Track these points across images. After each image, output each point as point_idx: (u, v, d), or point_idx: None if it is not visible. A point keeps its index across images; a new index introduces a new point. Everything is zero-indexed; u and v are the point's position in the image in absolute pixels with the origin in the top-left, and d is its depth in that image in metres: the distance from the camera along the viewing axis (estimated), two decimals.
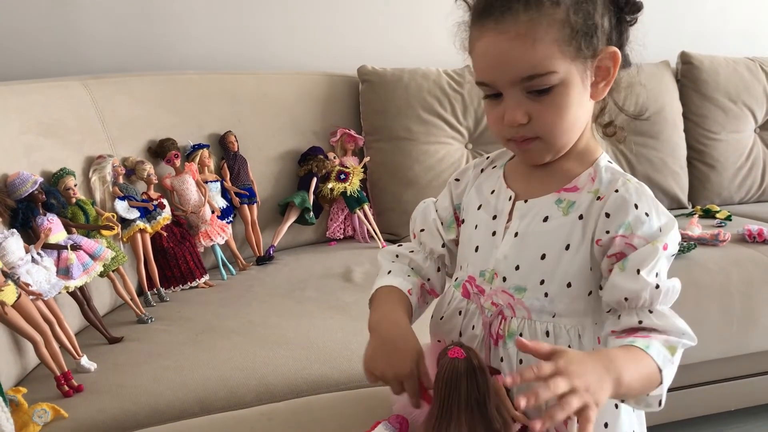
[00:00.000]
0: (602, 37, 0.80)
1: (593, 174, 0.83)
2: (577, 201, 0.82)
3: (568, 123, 0.80)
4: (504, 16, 0.76)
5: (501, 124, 0.81)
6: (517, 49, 0.76)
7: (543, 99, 0.78)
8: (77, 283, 1.33)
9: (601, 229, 0.79)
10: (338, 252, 1.90)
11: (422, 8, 2.33)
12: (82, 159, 1.59)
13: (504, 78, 0.78)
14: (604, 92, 0.83)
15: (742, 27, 2.75)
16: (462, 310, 0.90)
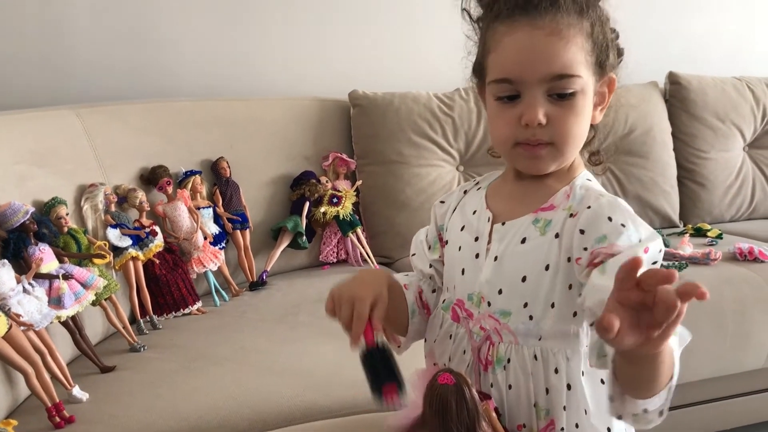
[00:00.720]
0: (611, 61, 0.83)
1: (569, 191, 0.84)
2: (553, 219, 0.82)
3: (581, 133, 0.82)
4: (541, 13, 0.77)
5: (514, 126, 0.80)
6: (553, 45, 0.77)
7: (563, 103, 0.79)
8: (69, 313, 1.32)
9: (577, 246, 0.79)
10: (331, 276, 1.90)
11: (412, 33, 2.36)
12: (74, 188, 1.59)
13: (534, 74, 0.78)
14: (599, 117, 0.86)
15: (728, 47, 2.78)
16: (452, 334, 0.90)
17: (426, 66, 2.35)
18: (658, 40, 2.63)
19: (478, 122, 2.15)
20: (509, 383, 0.82)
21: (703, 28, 2.74)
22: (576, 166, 0.87)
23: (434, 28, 2.32)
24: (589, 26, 0.80)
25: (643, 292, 0.58)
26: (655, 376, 0.67)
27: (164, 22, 2.12)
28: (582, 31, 0.79)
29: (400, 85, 2.20)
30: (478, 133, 2.16)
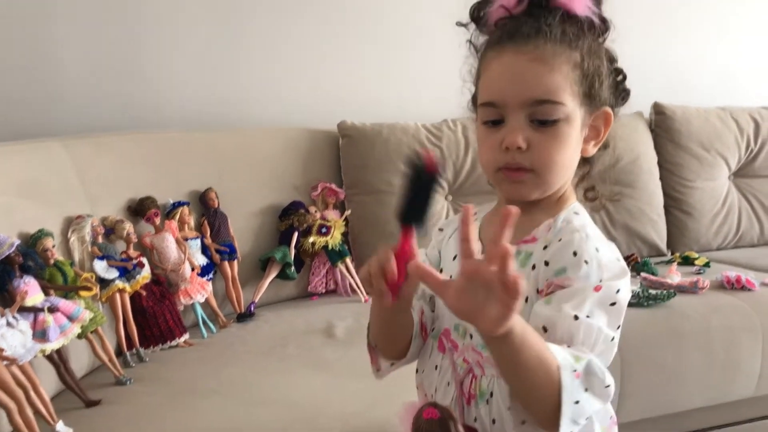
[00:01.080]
0: (604, 94, 0.84)
1: (551, 224, 0.83)
2: (534, 252, 0.82)
3: (564, 161, 0.81)
4: (526, 40, 0.79)
5: (497, 150, 0.81)
6: (536, 70, 0.79)
7: (545, 130, 0.79)
8: (54, 346, 1.31)
9: (542, 278, 0.79)
10: (320, 307, 1.90)
11: (400, 65, 2.38)
12: (62, 219, 1.58)
13: (516, 97, 0.79)
14: (593, 151, 0.86)
15: (710, 78, 2.82)
16: (437, 365, 0.89)
17: (414, 97, 2.38)
18: (643, 71, 2.62)
19: (466, 152, 2.17)
20: (493, 417, 0.81)
21: (686, 60, 2.79)
22: (566, 199, 0.87)
23: (422, 60, 2.36)
24: (578, 57, 0.80)
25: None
26: (531, 363, 0.68)
27: (153, 54, 2.13)
28: (569, 60, 0.80)
29: (388, 115, 2.21)
30: (466, 163, 2.17)
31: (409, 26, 2.37)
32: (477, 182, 2.16)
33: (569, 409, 0.69)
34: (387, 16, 2.37)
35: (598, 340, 0.74)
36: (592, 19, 0.83)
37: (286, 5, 2.25)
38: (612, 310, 0.76)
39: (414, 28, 2.36)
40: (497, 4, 0.84)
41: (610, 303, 0.76)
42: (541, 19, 0.80)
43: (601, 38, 0.85)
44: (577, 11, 0.82)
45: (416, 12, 2.36)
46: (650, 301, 1.76)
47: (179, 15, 2.14)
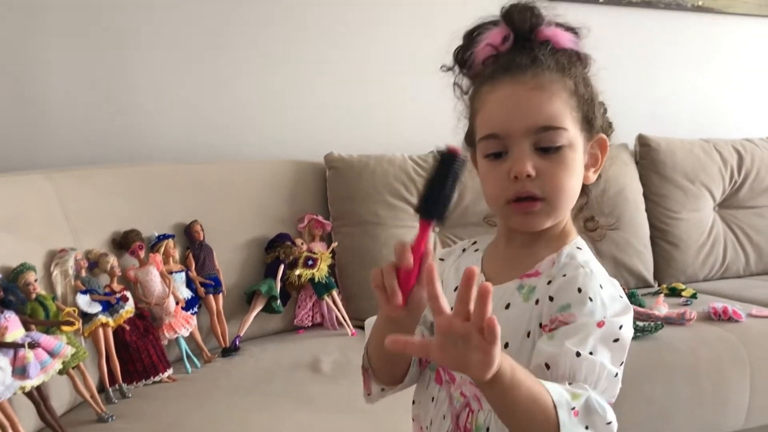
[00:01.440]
0: (599, 121, 0.86)
1: (555, 258, 0.83)
2: (537, 286, 0.82)
3: (572, 188, 0.82)
4: (523, 71, 0.81)
5: (504, 181, 0.81)
6: (536, 97, 0.80)
7: (551, 157, 0.80)
8: (34, 383, 1.28)
9: (546, 313, 0.79)
10: (306, 340, 1.88)
11: (387, 97, 2.40)
12: (45, 253, 1.56)
13: (520, 126, 0.79)
14: (593, 178, 0.87)
15: (693, 110, 2.87)
16: (434, 397, 0.88)
17: (400, 129, 2.39)
18: (627, 103, 2.68)
19: None
20: None
21: (669, 93, 2.83)
22: (567, 233, 0.87)
23: (409, 91, 2.38)
24: (572, 84, 0.82)
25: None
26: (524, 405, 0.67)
27: (137, 86, 2.13)
28: (565, 87, 0.81)
29: (375, 147, 2.22)
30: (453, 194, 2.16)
31: (395, 58, 2.39)
32: (465, 214, 2.15)
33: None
34: (373, 47, 2.39)
35: (601, 377, 0.74)
36: (577, 51, 0.85)
37: (271, 38, 2.26)
38: (615, 347, 0.76)
39: (400, 60, 2.38)
40: (483, 43, 0.85)
41: (614, 339, 0.76)
42: (532, 51, 0.82)
43: (586, 69, 0.87)
44: (563, 44, 0.84)
45: (402, 44, 2.38)
46: (638, 333, 1.76)
47: (164, 48, 2.14)
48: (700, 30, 2.87)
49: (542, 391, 0.68)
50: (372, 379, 0.91)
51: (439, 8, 2.38)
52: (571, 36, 0.86)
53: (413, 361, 0.90)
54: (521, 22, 0.84)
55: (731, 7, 2.89)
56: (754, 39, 2.98)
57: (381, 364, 0.90)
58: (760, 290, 2.27)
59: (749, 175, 2.57)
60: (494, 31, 0.85)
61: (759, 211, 2.59)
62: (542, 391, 0.68)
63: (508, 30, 0.84)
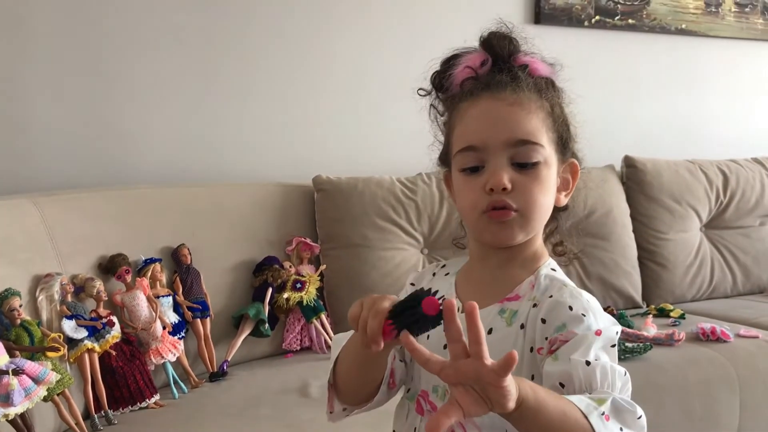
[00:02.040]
0: (572, 146, 0.87)
1: (534, 281, 0.84)
2: (519, 310, 0.82)
3: (545, 204, 0.83)
4: (503, 88, 0.83)
5: (479, 194, 0.81)
6: (515, 113, 0.82)
7: (527, 172, 0.81)
8: (18, 410, 1.26)
9: (540, 337, 0.79)
10: (295, 365, 1.86)
11: (374, 119, 2.41)
12: (30, 277, 1.55)
13: (498, 139, 0.81)
14: (564, 201, 0.88)
15: (678, 131, 2.90)
16: (416, 428, 0.88)
17: (388, 151, 2.39)
18: (613, 125, 2.72)
19: (441, 205, 2.17)
20: None
21: (655, 114, 2.86)
22: (540, 255, 0.88)
23: (396, 113, 2.38)
24: (549, 106, 0.84)
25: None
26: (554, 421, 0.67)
27: (124, 109, 2.12)
28: (542, 107, 0.84)
29: (363, 170, 2.22)
30: (441, 215, 2.17)
31: (384, 81, 2.40)
32: (452, 235, 2.16)
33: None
34: (361, 70, 2.40)
35: (614, 378, 0.75)
36: (553, 80, 0.88)
37: (259, 61, 2.27)
38: (612, 351, 0.78)
39: (388, 83, 2.39)
40: (462, 65, 0.87)
41: (611, 345, 0.77)
42: (511, 72, 0.84)
43: (561, 99, 0.89)
44: (540, 71, 0.87)
45: (390, 67, 2.39)
46: (627, 355, 1.76)
47: (150, 71, 2.14)
48: (685, 52, 2.91)
49: (569, 405, 0.68)
50: (335, 397, 0.91)
51: (427, 33, 2.41)
52: (549, 67, 0.88)
53: (384, 379, 0.89)
54: (500, 48, 0.86)
55: (714, 30, 2.93)
56: (736, 61, 3.02)
57: (350, 383, 0.89)
58: (747, 310, 2.28)
59: (735, 196, 2.59)
60: (473, 55, 0.88)
61: (745, 231, 2.61)
62: (569, 405, 0.68)
63: (487, 55, 0.87)
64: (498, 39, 0.87)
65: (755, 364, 1.85)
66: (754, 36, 3.02)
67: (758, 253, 2.58)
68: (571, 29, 2.64)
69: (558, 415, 0.67)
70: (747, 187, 2.61)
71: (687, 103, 2.93)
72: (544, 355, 0.77)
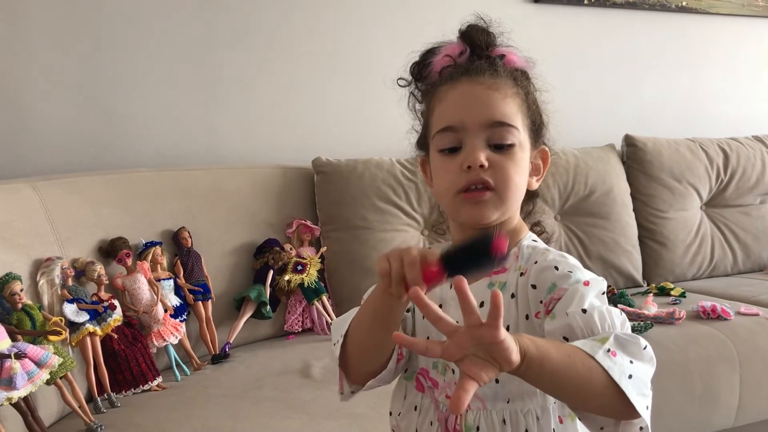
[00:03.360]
0: (544, 133, 0.91)
1: (517, 252, 0.87)
2: (507, 281, 0.85)
3: (519, 184, 0.85)
4: (482, 73, 0.86)
5: (456, 173, 0.84)
6: (493, 96, 0.85)
7: (503, 153, 0.84)
8: (21, 394, 1.27)
9: (534, 302, 0.81)
10: (296, 346, 1.87)
11: (374, 100, 2.39)
12: (30, 262, 1.55)
13: (476, 119, 0.84)
14: (536, 185, 0.91)
15: (679, 110, 2.89)
16: (417, 405, 0.89)
17: (388, 132, 2.37)
18: (613, 104, 2.71)
19: None
20: None
21: (655, 92, 2.85)
22: (520, 229, 0.91)
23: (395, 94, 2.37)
24: (524, 93, 0.88)
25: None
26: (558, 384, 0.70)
27: (124, 93, 2.11)
28: (517, 94, 0.87)
29: (363, 151, 2.21)
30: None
31: (382, 62, 2.38)
32: None
33: (629, 385, 0.70)
34: (360, 52, 2.39)
35: (613, 318, 0.76)
36: (527, 71, 0.92)
37: (258, 43, 2.26)
38: (603, 299, 0.80)
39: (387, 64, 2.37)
40: (442, 54, 0.91)
41: (602, 293, 0.80)
42: (488, 60, 0.88)
43: (536, 91, 0.92)
44: (515, 62, 0.90)
45: (389, 48, 2.38)
46: None
47: (150, 54, 2.13)
48: (685, 30, 2.90)
49: (573, 348, 0.71)
50: (345, 378, 0.92)
51: (427, 16, 2.39)
52: (524, 60, 0.92)
53: (394, 353, 0.90)
54: (478, 39, 0.90)
55: (715, 8, 2.91)
56: (737, 38, 3.00)
57: (361, 356, 0.89)
58: (748, 288, 2.28)
59: (735, 174, 2.58)
60: (452, 45, 0.91)
61: (745, 210, 2.60)
62: (573, 348, 0.71)
63: (465, 45, 0.90)
64: (476, 31, 0.90)
65: (755, 342, 1.85)
66: (755, 13, 3.00)
67: (758, 232, 2.58)
68: (571, 8, 2.62)
69: (563, 359, 0.69)
70: (747, 165, 2.60)
71: (687, 81, 2.91)
72: (542, 318, 0.79)
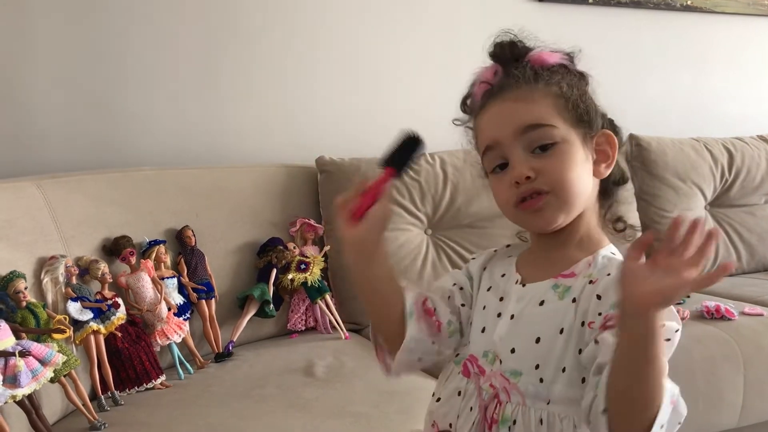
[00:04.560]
0: (597, 117, 0.89)
1: (591, 261, 0.86)
2: (572, 286, 0.85)
3: (575, 179, 0.84)
4: (507, 90, 0.87)
5: (508, 188, 0.85)
6: (518, 106, 0.86)
7: (548, 155, 0.84)
8: (25, 392, 1.27)
9: (593, 311, 0.80)
10: (300, 345, 1.87)
11: (377, 99, 2.39)
12: (34, 260, 1.55)
13: (508, 130, 0.85)
14: (605, 173, 0.90)
15: (683, 109, 2.88)
16: (461, 390, 0.90)
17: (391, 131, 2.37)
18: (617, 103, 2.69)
19: (445, 186, 2.17)
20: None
21: (659, 92, 2.84)
22: (599, 239, 0.90)
23: (399, 93, 2.38)
24: (557, 89, 0.87)
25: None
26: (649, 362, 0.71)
27: (127, 92, 2.11)
28: (548, 93, 0.86)
29: (366, 150, 2.21)
30: (445, 196, 2.16)
31: (386, 60, 2.38)
32: (456, 216, 2.16)
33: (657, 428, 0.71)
34: (364, 51, 2.38)
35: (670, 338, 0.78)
36: (564, 64, 0.90)
37: (262, 41, 2.26)
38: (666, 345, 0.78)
39: (391, 63, 2.38)
40: (479, 83, 0.92)
41: (666, 339, 0.78)
42: (515, 71, 0.88)
43: (574, 78, 0.91)
44: (547, 62, 0.89)
45: (392, 46, 2.38)
46: None
47: (153, 53, 2.13)
48: (690, 29, 2.89)
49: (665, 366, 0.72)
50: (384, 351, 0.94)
51: (429, 13, 2.38)
52: (560, 54, 0.91)
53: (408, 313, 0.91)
54: (504, 55, 0.90)
55: (720, 6, 2.90)
56: (742, 37, 2.99)
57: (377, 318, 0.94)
58: (752, 288, 2.27)
59: (740, 174, 2.58)
60: (486, 69, 0.92)
61: (750, 209, 2.60)
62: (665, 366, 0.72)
63: (497, 65, 0.91)
64: (500, 47, 0.91)
65: (759, 342, 1.84)
66: (761, 12, 2.99)
67: (763, 231, 2.57)
68: (575, 6, 2.62)
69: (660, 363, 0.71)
70: (752, 164, 2.60)
71: (692, 81, 2.91)
72: (596, 328, 0.79)
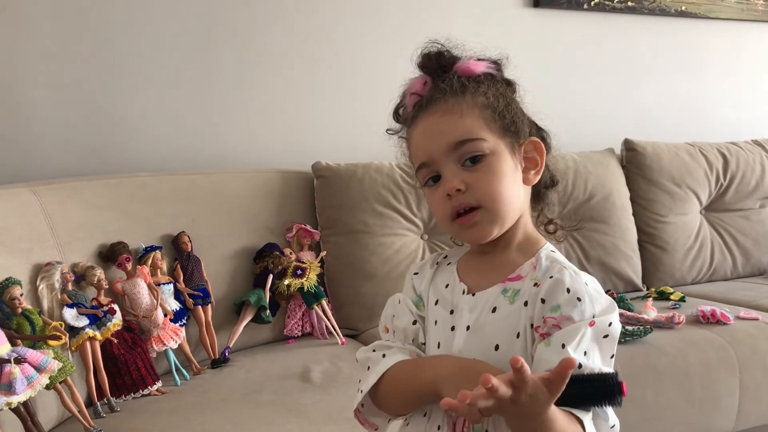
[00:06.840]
0: (524, 126, 0.90)
1: (535, 263, 0.87)
2: (521, 289, 0.85)
3: (505, 191, 0.85)
4: (434, 104, 0.87)
5: (442, 201, 0.85)
6: (447, 121, 0.86)
7: (477, 168, 0.85)
8: (21, 399, 1.27)
9: (538, 315, 0.82)
10: (296, 350, 1.87)
11: (374, 105, 2.38)
12: (30, 267, 1.55)
13: (439, 147, 0.85)
14: (535, 179, 0.91)
15: (678, 114, 2.89)
16: (426, 412, 0.89)
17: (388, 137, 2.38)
18: (612, 108, 2.72)
19: None
20: None
21: (654, 97, 2.85)
22: (537, 239, 0.91)
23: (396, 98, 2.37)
24: (483, 99, 0.87)
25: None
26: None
27: (123, 98, 2.11)
28: (475, 104, 0.86)
29: (362, 156, 2.21)
30: None
31: (382, 66, 2.39)
32: None
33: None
34: (360, 56, 2.39)
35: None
36: (490, 73, 0.91)
37: (258, 48, 2.26)
38: (605, 342, 0.80)
39: (386, 68, 2.38)
40: (409, 94, 0.93)
41: (603, 336, 0.80)
42: (442, 83, 0.89)
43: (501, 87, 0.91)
44: (474, 71, 0.89)
45: (388, 51, 2.38)
46: (627, 338, 1.76)
47: (149, 58, 2.13)
48: (684, 34, 2.90)
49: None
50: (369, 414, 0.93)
51: (425, 17, 2.40)
52: (486, 63, 0.91)
53: None
54: (432, 65, 0.91)
55: (714, 12, 2.92)
56: (736, 43, 3.01)
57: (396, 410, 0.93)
58: (747, 292, 2.28)
59: (735, 178, 2.59)
60: (415, 80, 0.92)
61: (745, 214, 2.61)
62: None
63: (425, 76, 0.91)
64: (428, 58, 0.91)
65: (755, 347, 1.85)
66: (755, 17, 3.01)
67: (758, 236, 2.58)
68: (571, 12, 2.63)
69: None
70: (747, 169, 2.61)
71: (687, 86, 2.92)
72: (536, 335, 0.81)
